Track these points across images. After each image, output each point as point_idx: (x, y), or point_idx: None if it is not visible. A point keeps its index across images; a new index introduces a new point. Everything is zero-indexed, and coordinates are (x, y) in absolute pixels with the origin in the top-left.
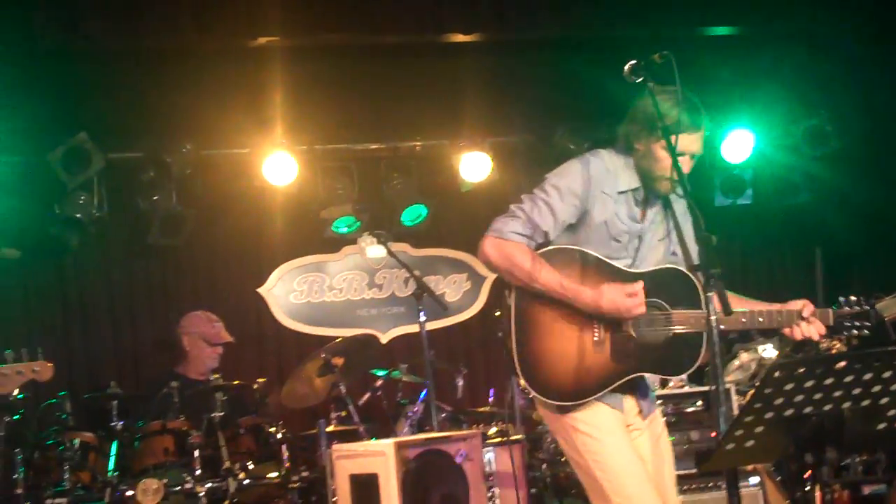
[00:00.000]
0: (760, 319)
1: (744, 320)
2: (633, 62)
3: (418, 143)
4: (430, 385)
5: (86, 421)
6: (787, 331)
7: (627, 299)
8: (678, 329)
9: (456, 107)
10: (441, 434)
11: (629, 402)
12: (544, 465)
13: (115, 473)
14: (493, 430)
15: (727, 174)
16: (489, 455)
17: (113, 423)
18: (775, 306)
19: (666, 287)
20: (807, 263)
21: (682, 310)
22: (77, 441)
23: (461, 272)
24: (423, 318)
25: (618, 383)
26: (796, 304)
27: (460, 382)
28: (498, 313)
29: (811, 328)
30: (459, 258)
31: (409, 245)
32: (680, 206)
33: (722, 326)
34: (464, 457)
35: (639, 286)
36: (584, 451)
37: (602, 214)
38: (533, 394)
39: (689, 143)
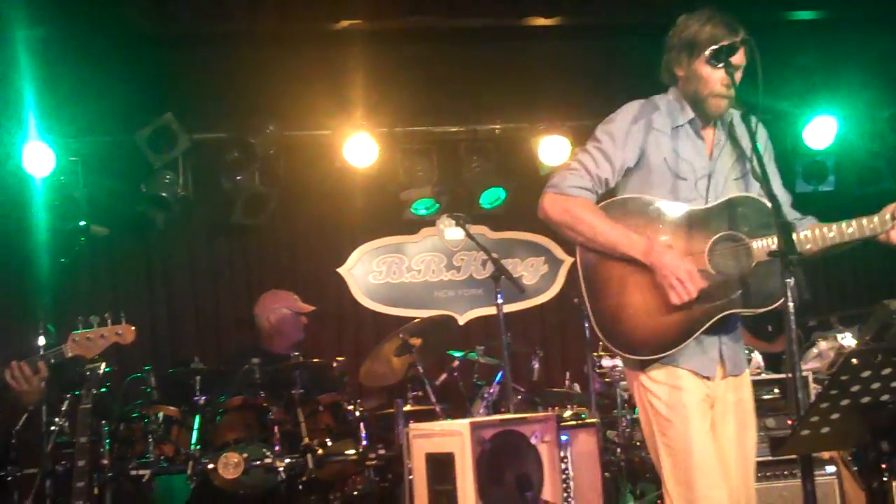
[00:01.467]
0: (850, 230)
1: (831, 234)
2: (715, 47)
3: (497, 126)
4: (506, 367)
5: (169, 395)
6: (883, 237)
7: (681, 272)
8: (759, 259)
9: (536, 90)
10: (517, 415)
11: (712, 359)
12: (619, 449)
13: (198, 447)
14: (568, 412)
15: (809, 160)
16: (564, 437)
17: (196, 398)
18: (864, 218)
19: (743, 216)
20: (889, 252)
21: (762, 238)
22: (161, 414)
23: (539, 255)
24: (500, 301)
25: (705, 327)
26: (889, 208)
27: (536, 365)
28: (576, 300)
29: None
30: (537, 241)
31: (488, 228)
32: (761, 136)
33: (809, 246)
34: (539, 438)
35: (695, 274)
36: (656, 428)
37: (659, 152)
38: (617, 353)
39: (719, 52)
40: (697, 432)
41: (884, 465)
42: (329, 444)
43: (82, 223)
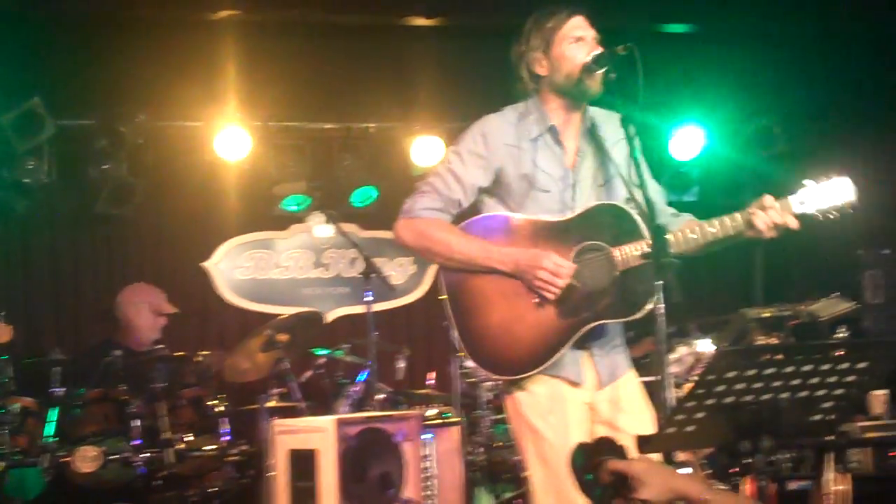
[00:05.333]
0: (713, 230)
1: (694, 236)
2: (597, 52)
3: (371, 125)
4: (372, 365)
5: (27, 386)
6: (750, 232)
7: (544, 263)
8: (623, 267)
9: (411, 90)
10: (382, 413)
11: (587, 368)
12: (481, 449)
13: (54, 439)
14: (431, 412)
15: (674, 171)
16: (429, 436)
17: (54, 389)
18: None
19: (602, 225)
20: (747, 263)
21: (623, 246)
22: (17, 406)
23: (408, 255)
24: (369, 298)
25: (571, 340)
26: (751, 206)
27: (401, 364)
28: (443, 297)
29: (774, 214)
30: None
31: (358, 226)
32: (620, 152)
33: (673, 249)
34: (403, 437)
35: (568, 268)
36: (529, 438)
37: (516, 168)
38: (485, 374)
39: (576, 27)
40: (573, 442)
41: (736, 469)
42: (189, 438)
43: None
